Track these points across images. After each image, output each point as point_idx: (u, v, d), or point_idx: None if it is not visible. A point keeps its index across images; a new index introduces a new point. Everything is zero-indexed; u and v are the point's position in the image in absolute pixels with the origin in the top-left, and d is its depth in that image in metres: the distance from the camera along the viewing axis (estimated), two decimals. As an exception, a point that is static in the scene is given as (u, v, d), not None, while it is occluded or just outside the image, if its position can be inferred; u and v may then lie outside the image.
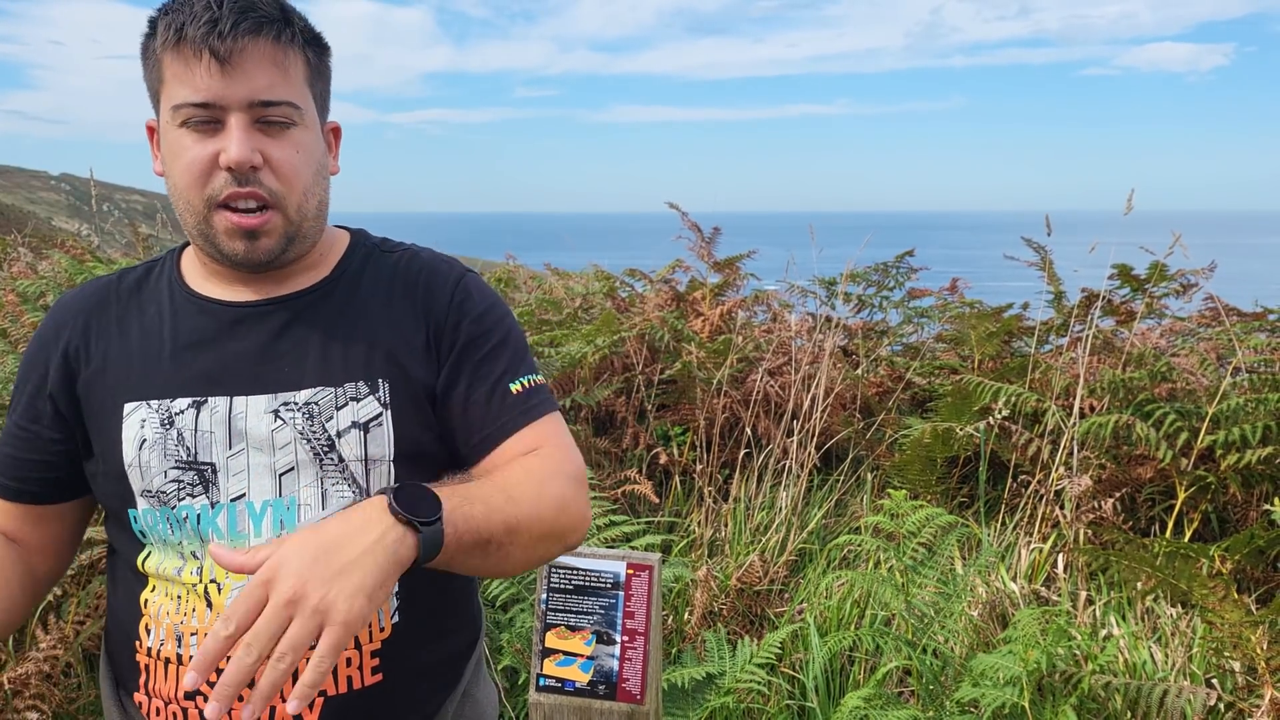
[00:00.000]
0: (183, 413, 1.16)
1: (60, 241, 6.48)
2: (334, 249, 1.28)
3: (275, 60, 1.12)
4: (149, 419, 1.16)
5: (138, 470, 1.16)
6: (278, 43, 1.12)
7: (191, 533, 1.16)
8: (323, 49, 1.21)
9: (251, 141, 1.11)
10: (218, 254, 1.17)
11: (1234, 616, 2.51)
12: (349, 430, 1.16)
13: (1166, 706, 2.35)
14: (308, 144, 1.16)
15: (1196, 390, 4.00)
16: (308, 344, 1.19)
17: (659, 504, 4.03)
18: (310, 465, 1.16)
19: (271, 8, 1.12)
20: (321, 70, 1.21)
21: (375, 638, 1.19)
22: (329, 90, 1.23)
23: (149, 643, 1.20)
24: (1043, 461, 3.85)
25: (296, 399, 1.16)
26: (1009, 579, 3.29)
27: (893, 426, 4.62)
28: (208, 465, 1.15)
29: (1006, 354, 5.24)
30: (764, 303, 5.97)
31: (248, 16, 1.09)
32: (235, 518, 1.15)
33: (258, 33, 1.10)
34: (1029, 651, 2.25)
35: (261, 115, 1.11)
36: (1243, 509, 3.72)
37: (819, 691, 2.79)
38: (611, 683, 1.58)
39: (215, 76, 1.08)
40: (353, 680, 1.17)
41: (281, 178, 1.14)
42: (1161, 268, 4.82)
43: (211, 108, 1.10)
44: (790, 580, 3.59)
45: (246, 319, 1.20)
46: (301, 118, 1.15)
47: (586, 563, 1.62)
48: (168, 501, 1.16)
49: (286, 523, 1.15)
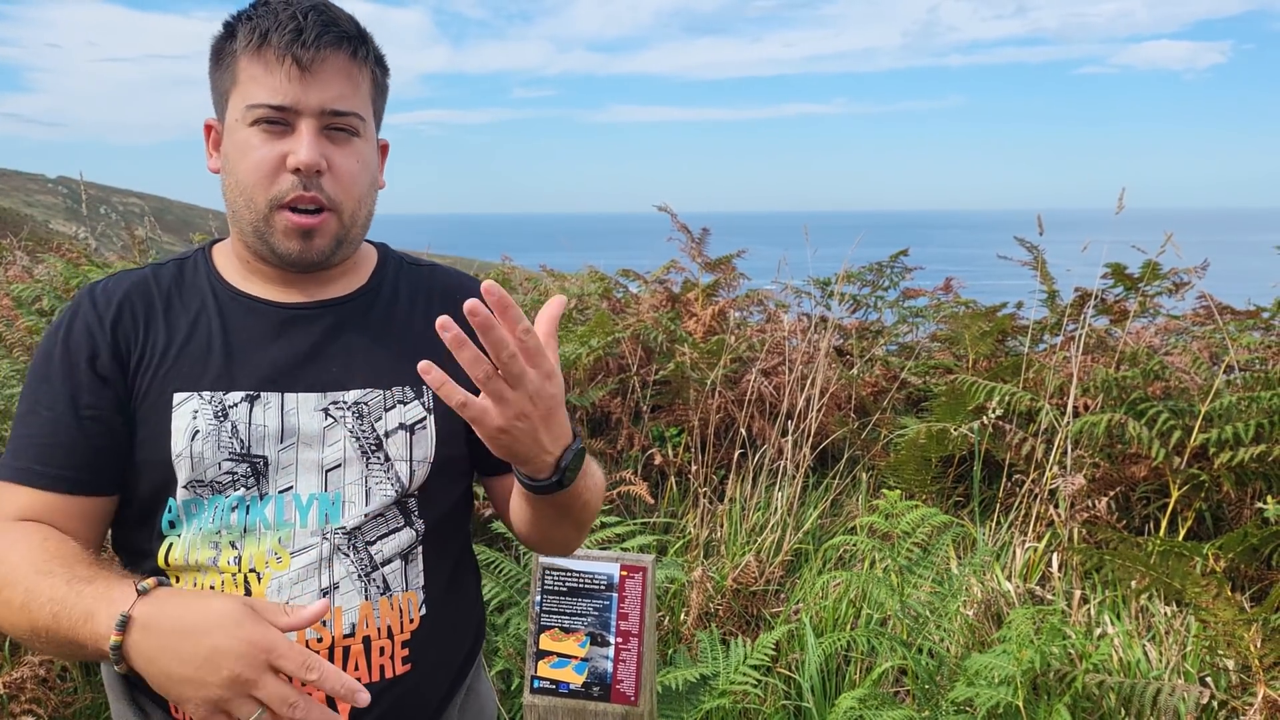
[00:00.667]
0: (236, 406, 1.20)
1: (56, 245, 6.48)
2: (366, 258, 1.35)
3: (349, 74, 1.19)
4: (201, 410, 1.19)
5: (187, 460, 1.18)
6: (353, 58, 1.20)
7: (236, 523, 1.19)
8: (386, 71, 1.28)
9: (319, 147, 1.17)
10: (270, 252, 1.22)
11: (1227, 615, 2.52)
12: (396, 431, 1.24)
13: (1160, 705, 2.36)
14: (366, 155, 1.23)
15: (1190, 389, 4.01)
16: (355, 347, 1.25)
17: (654, 505, 4.03)
18: (357, 462, 1.22)
19: (351, 26, 1.20)
20: (382, 90, 1.28)
21: (406, 629, 1.24)
22: (384, 110, 1.31)
23: None
24: (1037, 461, 3.85)
25: (345, 398, 1.22)
26: (1004, 578, 3.29)
27: (888, 426, 4.63)
28: (260, 458, 1.19)
29: (1000, 353, 5.25)
30: (759, 303, 5.97)
31: (330, 30, 1.17)
32: (283, 508, 1.20)
33: (338, 46, 1.17)
34: (1023, 651, 2.25)
35: (330, 123, 1.18)
36: (1236, 507, 3.73)
37: (814, 692, 2.80)
38: (606, 684, 1.59)
39: (295, 82, 1.15)
40: (385, 670, 1.22)
41: (341, 185, 1.20)
42: (1154, 266, 4.83)
43: (286, 111, 1.16)
44: (786, 581, 3.59)
45: (297, 320, 1.25)
46: (364, 130, 1.22)
47: (580, 564, 1.62)
48: (221, 491, 1.19)
49: (332, 517, 1.20)
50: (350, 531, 1.20)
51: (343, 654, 1.19)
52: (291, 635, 1.15)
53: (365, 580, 1.21)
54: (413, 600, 1.25)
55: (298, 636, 1.17)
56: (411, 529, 1.25)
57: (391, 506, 1.23)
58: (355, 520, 1.21)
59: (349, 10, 1.23)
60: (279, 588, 1.17)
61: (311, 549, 1.19)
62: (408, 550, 1.25)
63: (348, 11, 1.22)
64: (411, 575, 1.25)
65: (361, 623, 1.20)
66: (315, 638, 1.18)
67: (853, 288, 5.89)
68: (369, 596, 1.21)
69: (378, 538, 1.22)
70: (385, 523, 1.23)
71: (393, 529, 1.24)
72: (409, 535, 1.25)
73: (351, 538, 1.21)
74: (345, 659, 1.19)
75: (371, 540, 1.22)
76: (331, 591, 1.19)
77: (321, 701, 1.02)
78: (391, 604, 1.22)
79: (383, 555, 1.22)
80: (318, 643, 1.18)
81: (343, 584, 1.20)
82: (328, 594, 1.19)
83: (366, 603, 1.21)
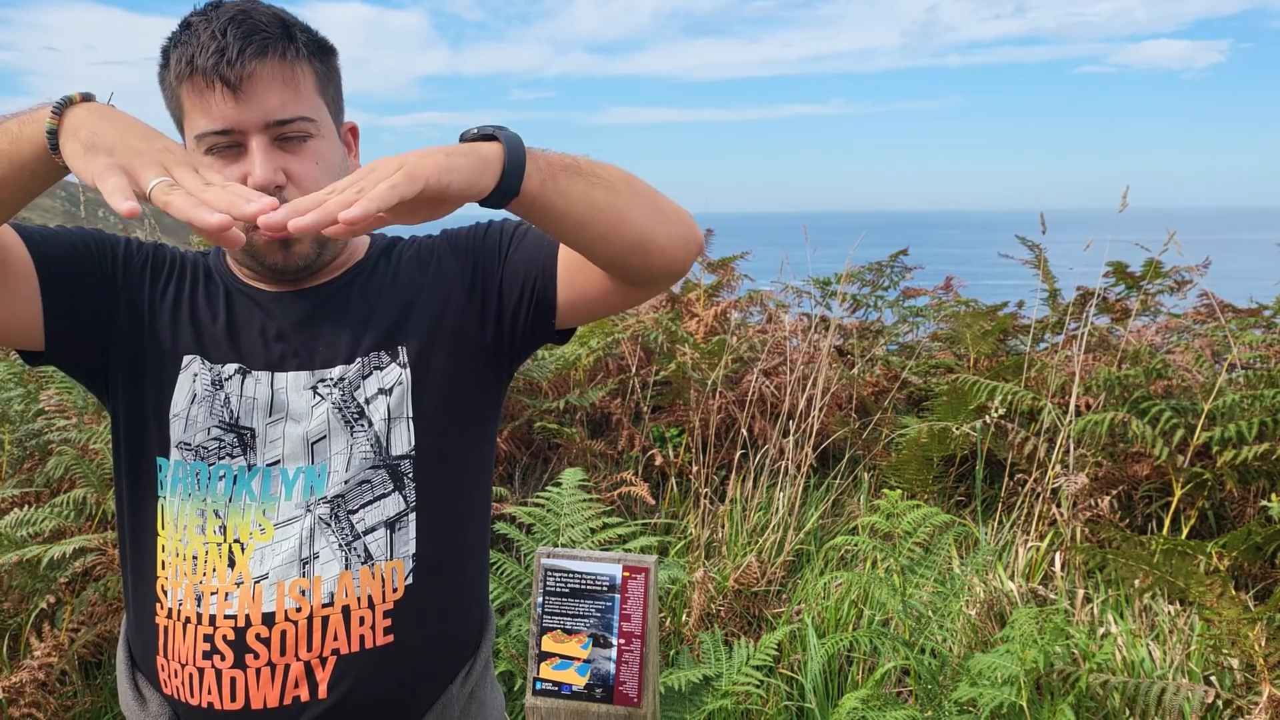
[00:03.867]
0: (230, 378, 1.23)
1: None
2: (359, 247, 1.36)
3: (284, 78, 1.16)
4: (201, 375, 1.23)
5: (182, 421, 1.22)
6: (284, 60, 1.16)
7: (223, 492, 1.21)
8: (328, 53, 1.25)
9: (274, 160, 1.16)
10: (259, 265, 1.25)
11: (1232, 613, 2.51)
12: (376, 396, 1.24)
13: (1164, 704, 2.35)
14: (326, 153, 1.22)
15: (1192, 387, 4.01)
16: (339, 326, 1.27)
17: (655, 506, 4.03)
18: (341, 432, 1.23)
19: (274, 27, 1.16)
20: (330, 76, 1.25)
21: (389, 598, 1.23)
22: (341, 92, 1.29)
23: (168, 604, 1.22)
24: (1039, 460, 3.85)
25: (331, 375, 1.24)
26: (1006, 578, 3.29)
27: (889, 426, 4.62)
28: (248, 430, 1.22)
29: (1002, 352, 5.25)
30: (759, 303, 5.97)
31: (252, 40, 1.13)
32: (269, 481, 1.21)
33: (264, 55, 1.14)
34: (1026, 650, 2.24)
35: (279, 133, 1.17)
36: (1239, 505, 3.73)
37: (817, 693, 2.79)
38: (608, 686, 1.58)
39: (230, 103, 1.14)
40: (365, 639, 1.21)
41: (305, 190, 1.18)
42: (1156, 265, 4.82)
43: (231, 133, 1.15)
44: (788, 581, 3.59)
45: (288, 307, 1.28)
46: (318, 129, 1.20)
47: (582, 565, 1.61)
48: (206, 458, 1.21)
49: (316, 488, 1.21)
50: (332, 500, 1.21)
51: (321, 624, 1.19)
52: (270, 605, 1.18)
53: (346, 549, 1.21)
54: (397, 569, 1.23)
55: (276, 607, 1.18)
56: (400, 495, 1.24)
57: (379, 471, 1.23)
58: (337, 488, 1.21)
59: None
60: (261, 558, 1.19)
61: (295, 521, 1.20)
62: (395, 519, 1.23)
63: (270, 8, 1.19)
64: (399, 544, 1.23)
65: (340, 591, 1.20)
66: (295, 607, 1.18)
67: (853, 287, 5.88)
68: (349, 565, 1.20)
69: (360, 505, 1.22)
70: (370, 489, 1.22)
71: (378, 495, 1.23)
72: (397, 502, 1.24)
73: (334, 506, 1.21)
74: (324, 629, 1.19)
75: (354, 509, 1.22)
76: (311, 561, 1.19)
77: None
78: (373, 573, 1.21)
79: (365, 524, 1.22)
80: (296, 612, 1.18)
81: (323, 553, 1.20)
82: (307, 564, 1.19)
83: (346, 571, 1.20)
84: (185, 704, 1.21)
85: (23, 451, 3.52)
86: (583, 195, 1.09)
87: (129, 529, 1.28)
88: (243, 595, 1.18)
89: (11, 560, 2.59)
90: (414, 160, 0.95)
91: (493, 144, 1.03)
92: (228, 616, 1.18)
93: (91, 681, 2.88)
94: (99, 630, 2.77)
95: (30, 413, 3.60)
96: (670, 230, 1.19)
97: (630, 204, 1.13)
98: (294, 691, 1.18)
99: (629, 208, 1.13)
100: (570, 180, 1.08)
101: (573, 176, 1.08)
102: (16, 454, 3.50)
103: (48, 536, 2.89)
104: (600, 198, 1.10)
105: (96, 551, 2.80)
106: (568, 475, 3.18)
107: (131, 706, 1.27)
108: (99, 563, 2.84)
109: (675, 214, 1.21)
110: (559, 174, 1.07)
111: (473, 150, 1.00)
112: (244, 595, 1.18)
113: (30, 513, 2.89)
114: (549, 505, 3.05)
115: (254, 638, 1.18)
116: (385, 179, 0.92)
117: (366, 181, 0.93)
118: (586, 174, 1.10)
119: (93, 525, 3.03)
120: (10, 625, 2.84)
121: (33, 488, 3.30)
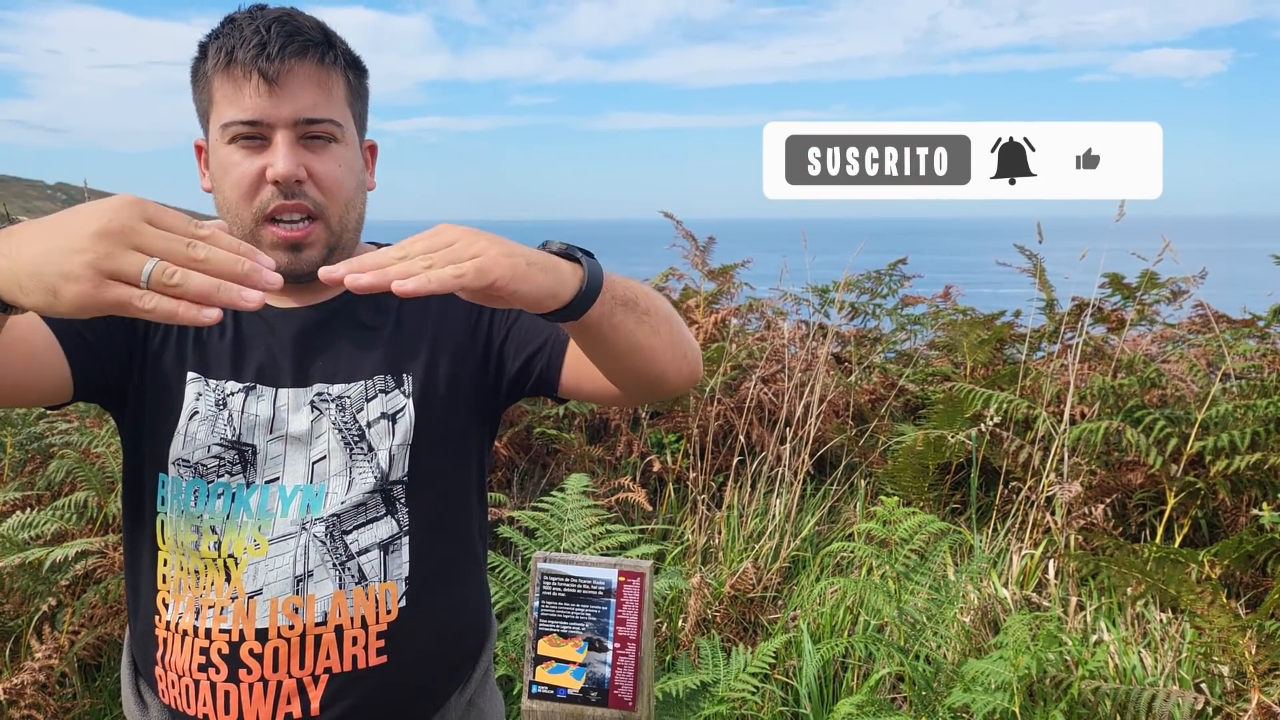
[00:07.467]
0: (234, 395, 1.23)
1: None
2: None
3: (319, 81, 1.19)
4: (204, 394, 1.23)
5: (181, 438, 1.22)
6: (321, 65, 1.19)
7: (220, 510, 1.21)
8: (361, 72, 1.28)
9: (297, 156, 1.18)
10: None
11: (1222, 621, 2.53)
12: (379, 420, 1.25)
13: (1155, 711, 2.37)
14: (348, 159, 1.24)
15: (1186, 396, 4.03)
16: (340, 343, 1.27)
17: (653, 512, 4.04)
18: (340, 453, 1.23)
19: (316, 32, 1.19)
20: (360, 92, 1.28)
21: (382, 619, 1.24)
22: (366, 111, 1.30)
23: (168, 616, 1.24)
24: (1034, 468, 3.87)
25: (330, 391, 1.25)
26: (1000, 585, 3.30)
27: (885, 433, 4.64)
28: (249, 447, 1.22)
29: (998, 361, 5.27)
30: (758, 310, 5.98)
31: (294, 40, 1.16)
32: (267, 498, 1.22)
33: (303, 55, 1.17)
34: (1020, 657, 2.26)
35: (306, 132, 1.19)
36: (1232, 514, 3.75)
37: (812, 698, 2.81)
38: (603, 690, 1.60)
39: (263, 96, 1.16)
40: (358, 660, 1.22)
41: (325, 190, 1.21)
42: (1152, 276, 4.84)
43: (259, 125, 1.17)
44: (784, 587, 3.60)
45: (292, 321, 1.28)
46: (342, 135, 1.22)
47: (578, 570, 1.63)
48: (205, 475, 1.22)
49: (313, 507, 1.22)
50: (328, 520, 1.21)
51: (314, 642, 1.20)
52: (263, 621, 1.18)
53: (340, 569, 1.22)
54: (391, 591, 1.24)
55: (270, 624, 1.18)
56: (393, 519, 1.25)
57: (374, 495, 1.23)
58: (335, 509, 1.22)
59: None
60: (255, 573, 1.20)
61: (290, 537, 1.21)
62: (388, 541, 1.25)
63: (314, 17, 1.22)
64: (392, 566, 1.24)
65: (334, 611, 1.21)
66: (288, 624, 1.19)
67: (851, 295, 5.90)
68: (343, 585, 1.21)
69: (355, 527, 1.23)
70: (365, 512, 1.23)
71: (371, 519, 1.24)
72: (390, 526, 1.25)
73: (329, 526, 1.22)
74: (317, 648, 1.20)
75: (349, 529, 1.22)
76: (305, 579, 1.20)
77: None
78: (367, 594, 1.23)
79: (359, 545, 1.23)
80: (289, 629, 1.19)
81: (316, 571, 1.21)
82: (301, 581, 1.20)
83: (340, 591, 1.21)
84: (182, 714, 1.22)
85: (25, 454, 3.54)
86: (630, 334, 1.11)
87: (132, 542, 1.29)
88: (237, 610, 1.19)
89: (13, 563, 2.61)
90: (492, 256, 0.92)
91: (574, 266, 1.02)
92: (223, 631, 1.19)
93: (91, 683, 2.89)
94: (99, 633, 2.78)
95: (32, 415, 3.62)
96: (681, 367, 1.22)
97: (662, 345, 1.16)
98: (286, 708, 1.19)
99: (660, 349, 1.16)
100: (625, 315, 1.09)
101: (628, 312, 1.09)
102: (18, 457, 3.52)
103: (49, 539, 2.91)
104: (643, 339, 1.12)
105: (98, 554, 2.82)
106: (573, 481, 3.19)
107: (133, 711, 1.29)
108: (100, 565, 2.86)
109: (691, 353, 1.24)
110: (618, 309, 1.07)
111: (554, 268, 0.99)
112: (239, 610, 1.19)
113: (32, 515, 2.91)
114: (553, 510, 3.06)
115: (247, 653, 1.19)
116: (454, 264, 0.90)
117: (437, 257, 0.90)
118: (639, 311, 1.11)
119: (94, 528, 3.05)
120: (11, 627, 2.85)
121: (34, 490, 3.32)
